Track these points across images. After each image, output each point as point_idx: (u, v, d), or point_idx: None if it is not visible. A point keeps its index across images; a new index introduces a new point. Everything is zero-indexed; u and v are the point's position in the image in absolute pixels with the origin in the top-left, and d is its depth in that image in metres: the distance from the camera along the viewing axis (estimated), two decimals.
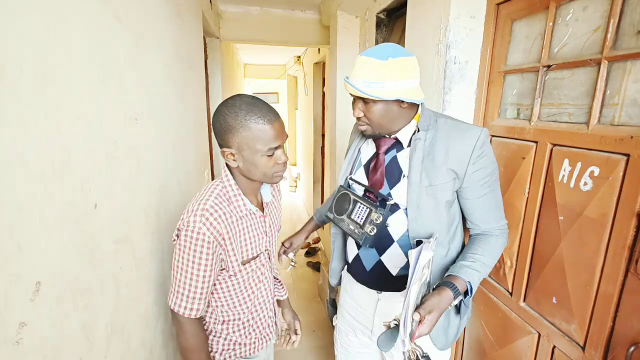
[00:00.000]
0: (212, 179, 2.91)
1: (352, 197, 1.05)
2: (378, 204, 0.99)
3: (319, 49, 3.92)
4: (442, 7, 1.26)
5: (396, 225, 0.99)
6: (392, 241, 1.01)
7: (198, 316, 0.92)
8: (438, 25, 1.29)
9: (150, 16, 1.12)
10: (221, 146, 0.91)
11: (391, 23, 2.07)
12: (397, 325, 0.78)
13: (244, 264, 0.97)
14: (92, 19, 0.73)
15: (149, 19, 1.11)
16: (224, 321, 1.03)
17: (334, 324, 1.31)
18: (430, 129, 0.97)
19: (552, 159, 1.00)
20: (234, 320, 1.03)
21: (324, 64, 4.12)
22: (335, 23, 2.56)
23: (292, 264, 1.40)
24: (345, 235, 1.18)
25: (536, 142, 1.06)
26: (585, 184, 0.90)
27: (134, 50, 0.97)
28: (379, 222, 0.95)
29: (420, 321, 0.77)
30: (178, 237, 0.87)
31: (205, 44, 2.72)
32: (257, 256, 1.00)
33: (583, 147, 0.91)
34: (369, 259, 1.06)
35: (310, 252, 4.08)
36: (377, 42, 2.11)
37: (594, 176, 0.88)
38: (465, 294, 0.90)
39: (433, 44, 1.33)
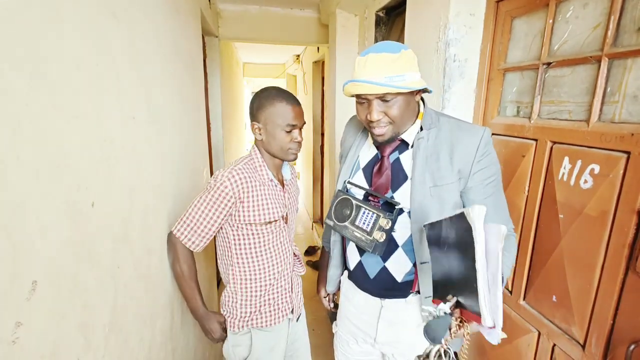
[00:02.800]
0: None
1: (354, 202, 1.00)
2: (381, 207, 0.96)
3: (318, 48, 3.91)
4: (442, 4, 1.26)
5: (401, 230, 0.96)
6: (397, 246, 0.97)
7: (192, 249, 1.13)
8: (437, 23, 1.29)
9: (148, 14, 1.12)
10: (252, 121, 1.15)
11: (390, 21, 2.07)
12: (446, 314, 0.71)
13: (262, 224, 1.14)
14: (89, 16, 0.73)
15: (147, 17, 1.10)
16: (242, 279, 1.18)
17: (334, 331, 1.28)
18: (432, 128, 0.95)
19: (552, 156, 1.00)
20: (252, 279, 1.18)
21: (323, 62, 4.11)
22: (334, 21, 2.55)
23: (331, 308, 1.37)
24: (344, 242, 1.14)
25: (536, 140, 1.05)
26: (586, 181, 0.90)
27: (131, 48, 0.96)
28: (388, 227, 0.91)
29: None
30: (209, 184, 1.10)
31: (204, 42, 2.71)
32: (275, 221, 1.17)
33: (583, 144, 0.91)
34: (372, 266, 1.03)
35: (310, 251, 4.08)
36: (376, 41, 2.10)
37: (594, 174, 0.88)
38: None
39: (433, 42, 1.32)
